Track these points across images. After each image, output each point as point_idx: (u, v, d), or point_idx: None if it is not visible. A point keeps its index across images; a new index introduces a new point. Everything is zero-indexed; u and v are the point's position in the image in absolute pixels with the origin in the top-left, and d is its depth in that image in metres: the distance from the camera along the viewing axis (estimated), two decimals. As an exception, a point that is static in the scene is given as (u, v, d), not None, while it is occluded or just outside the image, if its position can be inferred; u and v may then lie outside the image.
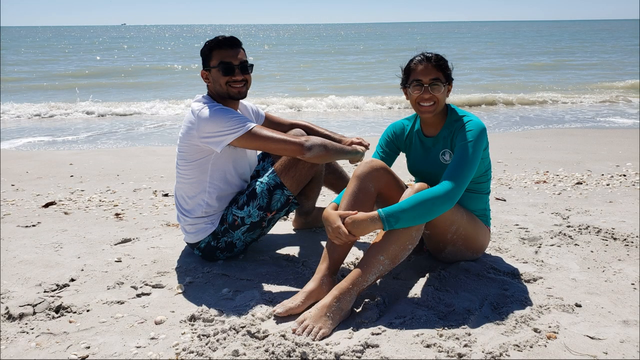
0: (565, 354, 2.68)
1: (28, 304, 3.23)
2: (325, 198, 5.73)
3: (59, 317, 3.16)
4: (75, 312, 3.20)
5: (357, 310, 3.17)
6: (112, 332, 2.97)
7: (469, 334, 2.84)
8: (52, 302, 3.27)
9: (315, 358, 2.65)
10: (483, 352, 2.68)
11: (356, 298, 3.12)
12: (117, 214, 5.27)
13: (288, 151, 3.59)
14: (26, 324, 3.06)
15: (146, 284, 3.59)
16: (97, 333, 2.96)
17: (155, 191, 6.27)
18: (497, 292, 3.37)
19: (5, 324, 3.07)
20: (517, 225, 4.68)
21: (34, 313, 3.17)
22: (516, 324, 2.96)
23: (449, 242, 3.55)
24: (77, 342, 2.87)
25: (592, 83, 21.61)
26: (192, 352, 2.75)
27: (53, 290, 3.50)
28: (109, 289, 3.54)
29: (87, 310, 3.23)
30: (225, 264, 3.90)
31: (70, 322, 3.09)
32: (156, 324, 3.07)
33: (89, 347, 2.82)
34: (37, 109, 15.31)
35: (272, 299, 3.34)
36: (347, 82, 23.45)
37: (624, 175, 6.69)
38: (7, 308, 3.19)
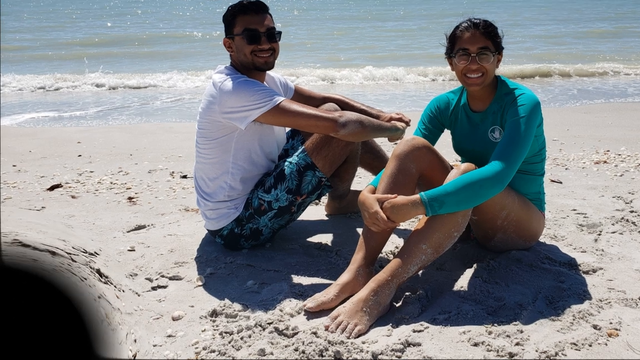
0: (628, 354, 2.66)
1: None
2: (362, 180, 5.72)
3: (70, 309, 3.20)
4: (87, 305, 3.24)
5: (397, 305, 3.17)
6: (128, 327, 3.01)
7: (521, 331, 2.84)
8: (62, 294, 3.31)
9: (350, 358, 2.65)
10: (537, 351, 2.67)
11: (396, 291, 3.12)
12: (130, 198, 5.32)
13: (320, 128, 3.58)
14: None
15: (162, 276, 3.62)
16: (111, 327, 3.00)
17: (173, 172, 6.31)
18: (552, 284, 3.35)
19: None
20: (574, 210, 4.64)
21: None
22: (573, 320, 2.95)
23: (498, 229, 3.54)
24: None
25: (659, 51, 21.29)
26: (214, 351, 2.75)
27: (63, 281, 3.55)
28: (123, 279, 3.58)
29: (101, 303, 3.27)
30: (250, 253, 3.92)
31: (82, 315, 3.13)
32: (173, 320, 3.09)
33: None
34: (42, 81, 15.45)
35: (303, 293, 3.35)
36: (386, 52, 23.23)
37: (697, 155, 6.61)
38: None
